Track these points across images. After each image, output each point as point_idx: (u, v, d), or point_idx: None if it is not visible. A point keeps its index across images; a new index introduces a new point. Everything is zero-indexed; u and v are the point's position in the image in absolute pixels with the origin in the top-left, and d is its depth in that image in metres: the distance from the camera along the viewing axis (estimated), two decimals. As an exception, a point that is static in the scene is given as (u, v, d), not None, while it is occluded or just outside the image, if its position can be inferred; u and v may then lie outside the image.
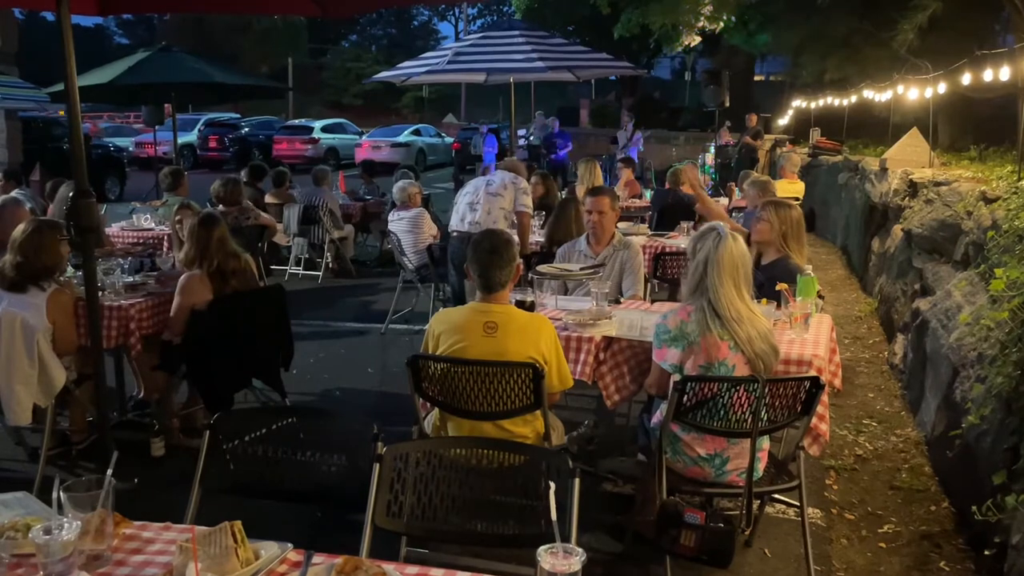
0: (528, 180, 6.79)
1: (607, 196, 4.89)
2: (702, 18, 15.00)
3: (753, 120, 15.99)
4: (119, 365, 5.00)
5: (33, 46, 21.19)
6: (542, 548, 1.56)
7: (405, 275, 7.42)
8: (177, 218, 5.60)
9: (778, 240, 4.37)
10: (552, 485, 1.77)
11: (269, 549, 1.84)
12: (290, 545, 1.87)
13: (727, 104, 14.76)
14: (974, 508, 3.01)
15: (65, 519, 1.71)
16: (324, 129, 27.90)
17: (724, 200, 9.10)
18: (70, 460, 4.45)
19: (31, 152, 14.81)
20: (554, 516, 1.68)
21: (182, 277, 4.45)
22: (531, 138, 18.93)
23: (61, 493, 1.78)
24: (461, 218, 6.23)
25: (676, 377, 3.10)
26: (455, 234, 6.24)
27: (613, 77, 25.66)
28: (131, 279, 4.80)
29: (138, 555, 1.86)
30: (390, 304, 7.34)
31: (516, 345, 3.22)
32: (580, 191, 7.63)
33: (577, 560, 1.54)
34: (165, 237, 7.12)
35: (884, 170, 8.19)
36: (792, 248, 4.36)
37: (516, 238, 4.03)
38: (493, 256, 3.27)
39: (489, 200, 6.14)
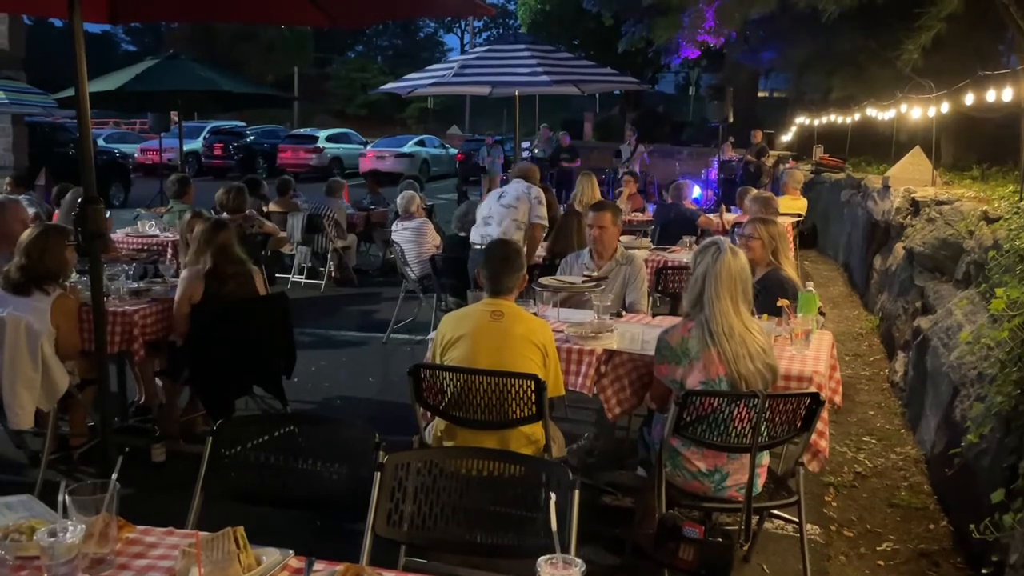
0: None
1: (609, 211, 4.89)
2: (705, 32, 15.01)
3: (758, 136, 16.04)
4: (121, 370, 5.02)
5: (41, 51, 21.30)
6: (542, 558, 1.57)
7: (407, 285, 7.44)
8: (188, 225, 5.64)
9: (769, 256, 4.46)
10: (553, 496, 1.79)
11: (271, 555, 1.85)
12: (291, 552, 1.88)
13: (731, 119, 14.79)
14: (972, 527, 3.02)
15: (70, 522, 1.72)
16: (329, 138, 27.91)
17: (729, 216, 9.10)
18: (70, 465, 4.46)
19: (36, 157, 14.84)
20: (555, 527, 1.70)
21: (184, 272, 4.58)
22: (535, 151, 18.91)
23: (66, 496, 1.79)
24: (480, 234, 6.32)
25: (678, 392, 3.11)
26: (477, 247, 6.34)
27: (617, 91, 25.72)
28: (135, 285, 4.85)
29: (141, 559, 1.87)
30: (392, 314, 7.36)
31: (521, 329, 3.36)
32: (578, 205, 7.64)
33: (577, 571, 1.55)
34: (169, 244, 7.15)
35: (887, 188, 8.21)
36: (781, 261, 4.48)
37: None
38: (504, 263, 3.46)
39: (502, 213, 6.20)
